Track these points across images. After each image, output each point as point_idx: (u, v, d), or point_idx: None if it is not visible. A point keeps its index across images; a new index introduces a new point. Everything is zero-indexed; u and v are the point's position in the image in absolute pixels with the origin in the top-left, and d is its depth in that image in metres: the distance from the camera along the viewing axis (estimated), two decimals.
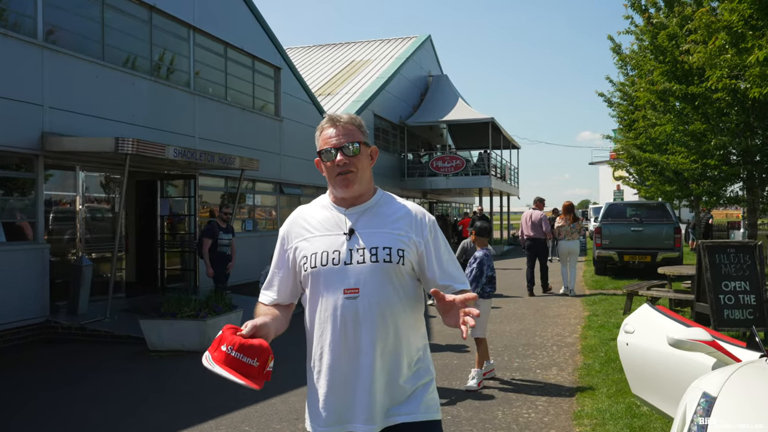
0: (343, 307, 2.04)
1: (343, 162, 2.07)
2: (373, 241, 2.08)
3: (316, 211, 2.20)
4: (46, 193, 9.24)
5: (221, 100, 13.42)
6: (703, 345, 3.53)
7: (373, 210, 2.16)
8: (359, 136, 2.13)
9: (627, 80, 19.95)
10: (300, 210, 2.26)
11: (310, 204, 2.26)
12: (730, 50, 8.66)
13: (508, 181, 31.13)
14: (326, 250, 2.08)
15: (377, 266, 2.05)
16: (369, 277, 2.04)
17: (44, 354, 8.03)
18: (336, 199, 2.17)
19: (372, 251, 2.06)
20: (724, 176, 14.97)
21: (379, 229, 2.11)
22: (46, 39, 9.15)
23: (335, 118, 2.14)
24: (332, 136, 2.11)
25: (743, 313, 7.51)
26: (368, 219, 2.14)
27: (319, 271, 2.07)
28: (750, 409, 2.64)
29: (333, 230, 2.12)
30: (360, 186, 2.12)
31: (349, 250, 2.07)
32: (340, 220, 2.13)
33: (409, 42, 28.95)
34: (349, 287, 2.04)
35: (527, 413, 5.11)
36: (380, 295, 2.05)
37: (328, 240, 2.10)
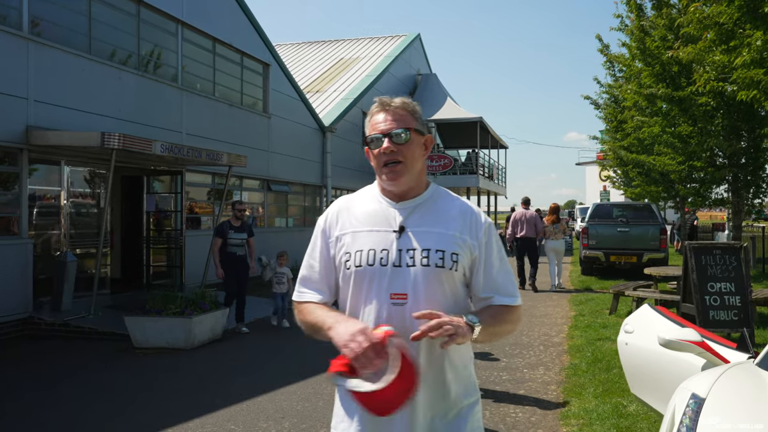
0: (389, 314, 1.84)
1: (389, 150, 1.87)
2: (426, 242, 1.87)
3: (363, 201, 1.99)
4: (31, 188, 9.12)
5: (209, 95, 13.32)
6: (692, 345, 3.56)
7: (426, 206, 1.95)
8: (411, 122, 1.93)
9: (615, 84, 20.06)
10: (345, 199, 2.04)
11: (356, 193, 2.05)
12: (720, 47, 8.70)
13: (496, 181, 31.20)
14: (373, 248, 1.88)
15: (428, 270, 1.85)
16: (419, 282, 1.84)
17: (28, 351, 7.92)
18: (385, 190, 1.96)
19: (423, 253, 1.86)
20: (710, 178, 15.10)
21: (432, 228, 1.90)
22: (31, 31, 9.02)
23: (386, 102, 1.95)
24: (381, 121, 1.92)
25: (728, 314, 7.56)
26: (420, 216, 1.92)
27: (364, 270, 1.87)
28: (738, 410, 2.65)
29: (381, 226, 1.91)
30: (409, 179, 1.91)
31: (398, 250, 1.86)
32: (389, 215, 1.92)
33: (399, 40, 28.92)
34: (397, 292, 1.84)
35: (514, 413, 5.11)
36: (430, 302, 1.84)
37: (376, 237, 1.89)
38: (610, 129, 23.23)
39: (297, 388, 5.96)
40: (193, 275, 11.87)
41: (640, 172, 19.47)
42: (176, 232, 12.19)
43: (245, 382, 6.26)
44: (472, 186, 25.90)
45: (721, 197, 16.25)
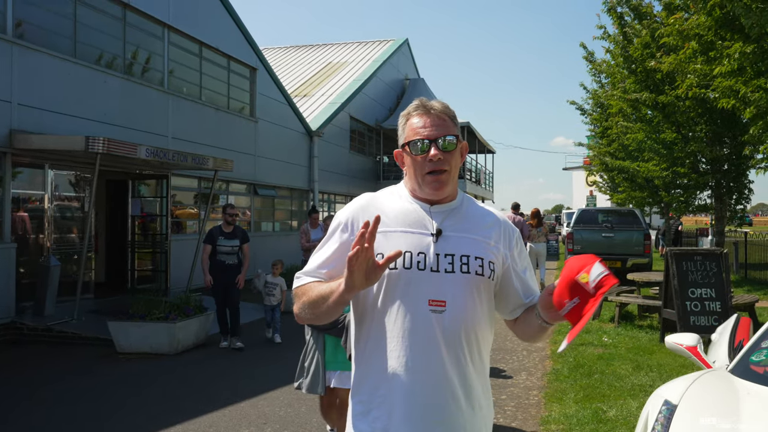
0: (427, 321, 1.72)
1: (437, 157, 1.76)
2: (465, 248, 1.78)
3: (392, 200, 1.86)
4: (14, 192, 9.06)
5: (195, 99, 13.30)
6: (683, 349, 3.67)
7: (460, 211, 1.85)
8: (453, 129, 1.83)
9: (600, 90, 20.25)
10: (370, 196, 1.90)
11: (380, 192, 1.92)
12: (700, 58, 8.85)
13: (483, 186, 31.34)
14: (410, 250, 1.75)
15: (468, 278, 1.76)
16: (458, 289, 1.74)
17: (10, 356, 7.87)
18: (416, 194, 1.84)
19: (463, 260, 1.76)
20: (694, 184, 15.28)
21: (469, 234, 1.81)
22: (15, 34, 8.98)
23: (428, 105, 1.84)
24: (425, 126, 1.80)
25: (709, 320, 7.65)
26: (457, 221, 1.82)
27: (399, 274, 1.73)
28: (708, 417, 2.70)
29: (416, 227, 1.78)
30: (451, 187, 1.82)
31: (436, 254, 1.75)
32: (424, 218, 1.80)
33: (387, 45, 29.00)
34: (435, 298, 1.73)
35: (495, 418, 5.14)
36: (468, 311, 1.76)
37: (412, 239, 1.77)
38: (596, 135, 23.45)
39: (280, 393, 5.96)
40: (178, 280, 11.83)
41: (625, 177, 19.68)
42: (161, 236, 12.15)
43: (228, 387, 6.26)
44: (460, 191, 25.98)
45: (704, 203, 16.44)
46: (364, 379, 1.81)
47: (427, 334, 1.72)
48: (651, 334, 8.42)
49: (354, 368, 1.87)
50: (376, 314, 1.77)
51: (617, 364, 6.77)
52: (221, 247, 8.10)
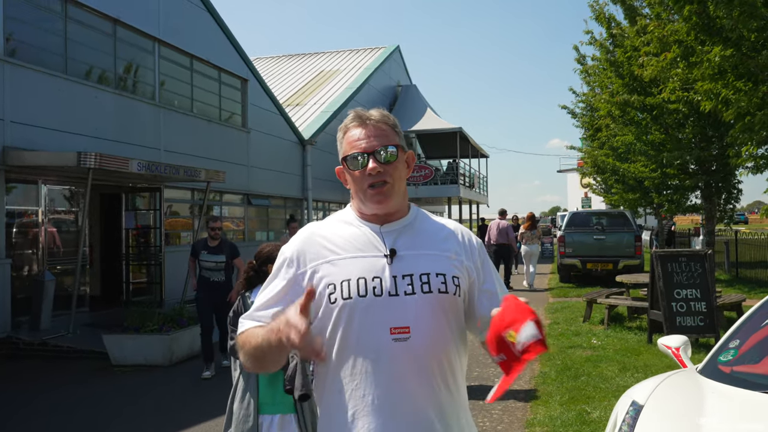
0: (392, 352, 1.56)
1: (376, 170, 1.64)
2: (423, 266, 1.63)
3: (337, 227, 1.72)
4: (8, 207, 9.17)
5: (187, 112, 13.42)
6: (667, 350, 3.79)
7: (413, 228, 1.72)
8: (394, 138, 1.70)
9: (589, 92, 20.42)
10: (315, 225, 1.76)
11: (326, 219, 1.78)
12: (681, 63, 9.00)
13: (477, 190, 31.47)
14: (363, 276, 1.60)
15: (431, 298, 1.61)
16: (421, 312, 1.59)
17: (6, 370, 7.95)
18: (364, 214, 1.71)
19: (423, 278, 1.61)
20: (684, 185, 15.44)
21: (425, 250, 1.67)
22: (7, 52, 9.10)
23: (364, 116, 1.72)
24: (361, 138, 1.68)
25: (695, 320, 7.77)
26: (410, 238, 1.68)
27: (354, 303, 1.58)
28: (672, 416, 2.81)
29: (367, 251, 1.65)
30: (396, 200, 1.69)
31: (392, 276, 1.60)
32: (374, 239, 1.67)
33: (378, 52, 29.18)
34: (398, 325, 1.57)
35: (482, 422, 5.25)
36: (436, 334, 1.61)
37: (364, 263, 1.62)
38: (587, 137, 23.62)
39: None
40: (172, 291, 11.92)
41: (617, 179, 19.83)
42: (155, 248, 12.25)
43: (222, 397, 6.33)
44: (453, 195, 26.14)
45: (693, 204, 16.59)
46: (328, 426, 1.64)
47: (393, 366, 1.56)
48: (639, 335, 8.54)
49: (319, 413, 1.71)
50: (335, 350, 1.61)
51: (604, 366, 6.88)
52: (204, 262, 7.36)
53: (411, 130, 26.95)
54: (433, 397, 1.59)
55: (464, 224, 19.41)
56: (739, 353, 3.34)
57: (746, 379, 3.05)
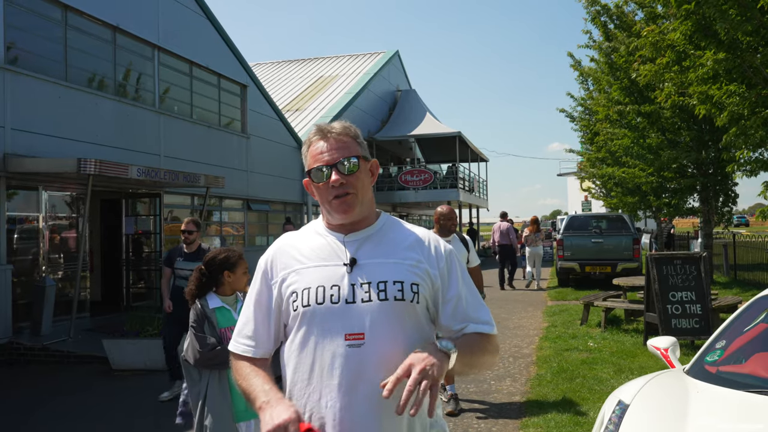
0: (345, 358, 1.62)
1: (339, 182, 1.71)
2: (381, 274, 1.69)
3: (307, 237, 1.81)
4: (9, 214, 9.25)
5: (187, 118, 13.52)
6: (656, 350, 3.86)
7: (377, 236, 1.78)
8: (356, 149, 1.76)
9: (587, 95, 20.51)
10: (287, 237, 1.86)
11: (300, 230, 1.88)
12: (675, 67, 9.08)
13: (477, 194, 31.55)
14: (322, 284, 1.68)
15: (387, 305, 1.66)
16: (377, 319, 1.64)
17: (8, 375, 8.02)
18: (331, 224, 1.79)
19: (380, 286, 1.67)
20: (681, 188, 15.49)
21: (386, 258, 1.73)
22: (7, 60, 9.19)
23: (325, 129, 1.77)
24: (323, 151, 1.74)
25: (690, 322, 7.84)
26: (372, 247, 1.75)
27: (313, 310, 1.66)
28: (657, 416, 2.87)
29: (330, 260, 1.72)
30: (361, 209, 1.75)
31: (351, 284, 1.67)
32: (338, 249, 1.74)
33: (378, 57, 29.31)
34: (352, 332, 1.63)
35: (477, 424, 5.31)
36: (392, 342, 1.64)
37: (325, 272, 1.71)
38: (585, 141, 23.70)
39: None
40: None
41: (616, 183, 19.90)
42: (155, 253, 12.32)
43: None
44: (453, 199, 26.20)
45: (692, 207, 16.64)
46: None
47: (346, 372, 1.61)
48: (636, 337, 8.59)
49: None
50: (298, 357, 1.69)
51: (599, 368, 6.94)
52: (180, 271, 6.64)
53: (410, 135, 27.06)
54: (385, 404, 1.57)
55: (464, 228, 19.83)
56: (726, 354, 3.41)
57: (731, 378, 3.12)
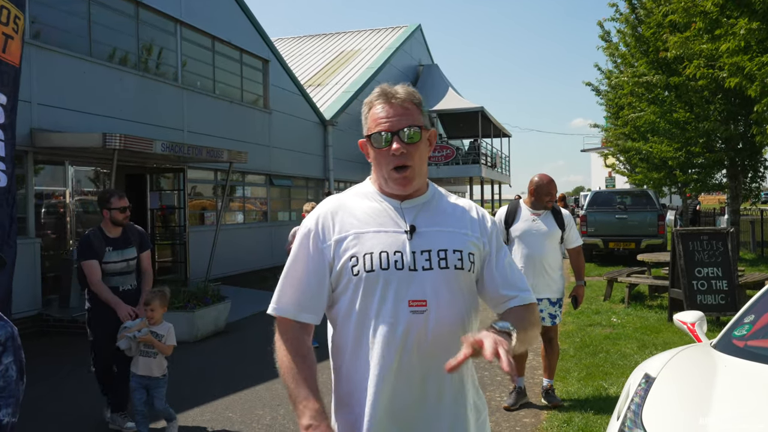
0: (409, 323, 1.63)
1: (399, 151, 1.68)
2: (440, 242, 1.70)
3: (358, 201, 1.77)
4: (37, 188, 9.40)
5: (209, 93, 13.54)
6: (683, 325, 3.83)
7: (431, 205, 1.78)
8: (419, 118, 1.73)
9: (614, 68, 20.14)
10: (336, 198, 1.80)
11: (345, 193, 1.83)
12: (705, 37, 8.86)
13: (499, 170, 31.32)
14: (385, 250, 1.66)
15: (448, 273, 1.68)
16: (439, 287, 1.66)
17: (38, 346, 8.21)
18: (385, 191, 1.76)
19: (440, 254, 1.68)
20: (709, 164, 15.23)
21: (442, 227, 1.73)
22: (32, 35, 9.26)
23: (389, 93, 1.73)
24: (386, 117, 1.70)
25: (716, 298, 7.75)
26: (428, 215, 1.75)
27: (377, 275, 1.64)
28: (683, 390, 2.85)
29: (389, 226, 1.70)
30: (418, 181, 1.75)
31: (412, 252, 1.67)
32: (395, 215, 1.72)
33: (399, 31, 29.01)
34: (416, 299, 1.64)
35: (500, 396, 5.33)
36: (451, 309, 1.68)
37: (386, 238, 1.68)
38: (611, 116, 23.33)
39: None
40: (197, 270, 12.14)
41: (641, 158, 19.60)
42: (180, 228, 12.46)
43: (245, 372, 6.51)
44: (475, 175, 26.05)
45: (719, 182, 16.37)
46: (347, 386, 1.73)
47: (409, 337, 1.64)
48: (660, 313, 8.53)
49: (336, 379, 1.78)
50: (355, 321, 1.68)
51: (623, 344, 6.91)
52: (111, 265, 4.90)
53: (433, 110, 26.84)
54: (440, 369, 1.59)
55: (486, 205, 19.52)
56: (754, 328, 3.36)
57: (760, 353, 3.07)
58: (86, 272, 4.83)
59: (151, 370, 4.43)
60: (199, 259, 12.19)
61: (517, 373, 5.15)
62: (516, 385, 5.14)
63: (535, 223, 5.02)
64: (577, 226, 13.12)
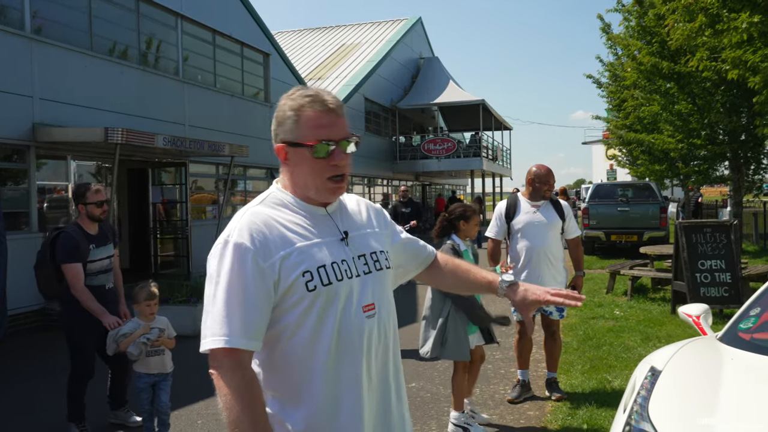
0: (369, 329, 1.62)
1: (344, 164, 1.63)
2: (368, 245, 1.71)
3: (284, 212, 1.64)
4: (39, 183, 9.39)
5: (210, 87, 13.52)
6: (687, 318, 3.83)
7: (342, 207, 1.76)
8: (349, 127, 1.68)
9: (616, 61, 20.07)
10: (258, 213, 1.62)
11: (259, 206, 1.66)
12: (708, 31, 8.82)
13: (500, 163, 31.29)
14: (335, 260, 1.61)
15: (382, 275, 1.71)
16: (379, 289, 1.69)
17: (41, 340, 8.23)
18: (306, 197, 1.67)
19: (372, 257, 1.70)
20: (711, 156, 15.20)
21: (361, 230, 1.74)
22: (33, 30, 9.23)
23: (324, 99, 1.63)
24: (326, 124, 1.61)
25: (719, 291, 7.75)
26: (346, 219, 1.73)
27: (336, 288, 1.58)
28: (689, 383, 2.84)
29: (327, 236, 1.65)
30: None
31: (352, 258, 1.65)
32: (328, 223, 1.68)
33: (400, 24, 28.94)
34: (366, 303, 1.63)
35: (503, 390, 5.33)
36: (391, 308, 1.73)
37: (330, 248, 1.62)
38: (613, 108, 23.28)
39: None
40: (199, 264, 12.14)
41: (643, 150, 19.56)
42: (182, 222, 12.46)
43: None
44: (476, 168, 26.04)
45: (721, 175, 16.34)
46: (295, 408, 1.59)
47: (369, 343, 1.62)
48: (663, 306, 8.52)
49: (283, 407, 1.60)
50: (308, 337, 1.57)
51: (626, 336, 6.91)
52: (96, 263, 4.64)
53: (433, 103, 26.81)
54: (393, 369, 1.71)
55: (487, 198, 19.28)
56: (760, 321, 3.35)
57: (766, 345, 3.07)
58: (69, 277, 4.44)
59: (164, 366, 4.40)
60: (201, 253, 12.19)
61: (521, 366, 5.16)
62: (519, 378, 5.13)
63: (536, 214, 5.00)
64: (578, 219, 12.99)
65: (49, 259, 4.55)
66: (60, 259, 4.47)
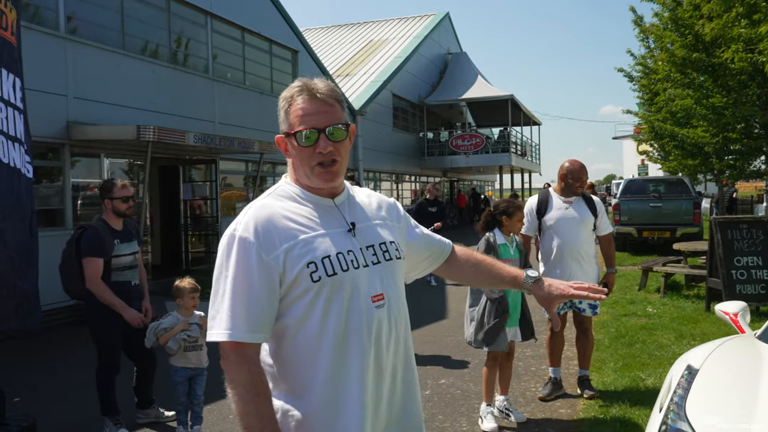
0: (377, 319, 1.63)
1: (328, 150, 1.63)
2: (378, 236, 1.73)
3: (289, 204, 1.67)
4: (73, 180, 9.57)
5: (239, 84, 13.63)
6: (725, 315, 3.75)
7: (352, 199, 1.78)
8: (342, 115, 1.68)
9: (648, 53, 19.72)
10: (263, 206, 1.66)
11: (268, 199, 1.69)
12: (744, 21, 8.63)
13: (529, 158, 31.02)
14: (340, 251, 1.62)
15: (392, 265, 1.72)
16: (390, 279, 1.70)
17: (76, 334, 8.38)
18: (312, 189, 1.70)
19: (382, 247, 1.71)
20: (746, 150, 14.85)
21: (371, 221, 1.75)
22: (68, 30, 9.40)
23: (313, 88, 1.65)
24: (311, 113, 1.63)
25: (756, 288, 7.58)
26: (356, 210, 1.75)
27: (341, 278, 1.59)
28: (728, 383, 2.78)
29: (333, 226, 1.66)
30: (342, 176, 1.73)
31: (360, 249, 1.66)
32: (335, 213, 1.70)
33: (428, 20, 28.82)
34: (375, 294, 1.64)
35: (534, 387, 5.29)
36: (401, 299, 1.74)
37: (336, 239, 1.64)
38: (645, 102, 22.89)
39: None
40: None
41: (676, 145, 19.19)
42: (212, 218, 12.60)
43: None
44: (505, 164, 25.85)
45: (757, 169, 15.96)
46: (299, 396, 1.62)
47: (378, 333, 1.64)
48: (697, 303, 8.37)
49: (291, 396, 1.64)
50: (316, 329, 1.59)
51: (660, 334, 6.80)
52: (122, 259, 4.64)
53: (461, 99, 26.68)
54: (404, 358, 1.73)
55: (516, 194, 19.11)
56: None
57: None
58: (88, 270, 4.42)
59: (201, 360, 4.45)
60: None
61: (553, 364, 5.10)
62: (551, 376, 5.08)
63: (568, 210, 4.93)
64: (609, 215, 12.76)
65: (74, 257, 4.56)
66: (84, 253, 4.46)
